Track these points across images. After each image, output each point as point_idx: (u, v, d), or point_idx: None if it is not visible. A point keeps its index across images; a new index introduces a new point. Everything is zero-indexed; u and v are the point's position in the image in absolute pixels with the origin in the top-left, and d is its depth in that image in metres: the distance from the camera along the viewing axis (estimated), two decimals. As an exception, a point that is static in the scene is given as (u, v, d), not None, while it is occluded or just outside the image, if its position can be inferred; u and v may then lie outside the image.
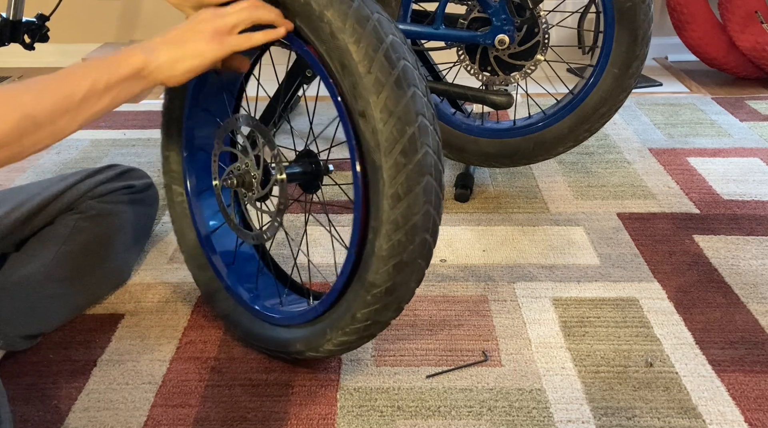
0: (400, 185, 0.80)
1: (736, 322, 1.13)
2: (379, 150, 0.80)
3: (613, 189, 1.58)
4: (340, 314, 0.92)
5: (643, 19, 1.39)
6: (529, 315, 1.15)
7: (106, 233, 1.21)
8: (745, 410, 0.96)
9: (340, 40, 0.80)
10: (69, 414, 0.97)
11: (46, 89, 0.76)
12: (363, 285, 0.87)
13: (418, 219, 0.82)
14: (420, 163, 0.81)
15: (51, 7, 1.59)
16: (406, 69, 0.81)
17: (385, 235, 0.82)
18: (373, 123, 0.80)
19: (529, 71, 1.45)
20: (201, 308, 1.19)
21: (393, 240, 0.82)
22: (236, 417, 0.96)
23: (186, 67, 0.85)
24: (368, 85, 0.79)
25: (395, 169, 0.80)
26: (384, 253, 0.83)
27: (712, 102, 2.12)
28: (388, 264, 0.84)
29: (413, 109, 0.80)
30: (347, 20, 0.80)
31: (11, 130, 0.72)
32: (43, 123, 0.74)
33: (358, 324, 0.90)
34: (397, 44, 0.82)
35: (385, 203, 0.81)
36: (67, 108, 0.76)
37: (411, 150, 0.80)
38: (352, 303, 0.89)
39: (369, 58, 0.79)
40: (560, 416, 0.95)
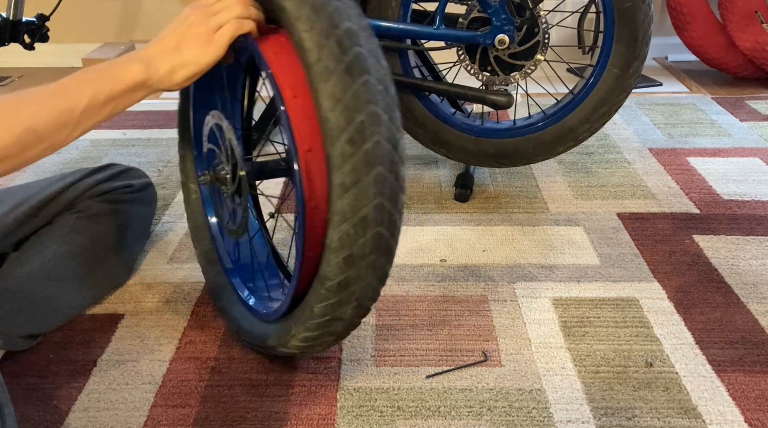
0: (346, 175, 0.78)
1: (736, 322, 1.13)
2: (327, 138, 0.78)
3: (613, 189, 1.58)
4: (302, 309, 0.91)
5: (643, 19, 1.39)
6: (529, 315, 1.15)
7: (105, 232, 1.21)
8: (745, 410, 0.96)
9: (296, 28, 0.79)
10: (69, 414, 0.97)
11: (47, 102, 0.76)
12: (319, 278, 0.86)
13: (368, 212, 0.79)
14: (368, 152, 0.77)
15: (51, 7, 1.59)
16: (359, 56, 0.78)
17: (334, 226, 0.80)
18: (321, 112, 0.78)
19: (529, 71, 1.45)
20: (201, 308, 1.19)
21: (341, 232, 0.80)
22: (236, 417, 0.96)
23: (185, 75, 0.86)
24: (317, 73, 0.77)
25: (341, 158, 0.77)
26: (334, 245, 0.81)
27: (712, 102, 2.12)
28: (338, 257, 0.81)
29: (363, 97, 0.77)
30: (303, 8, 0.80)
31: (14, 144, 0.73)
32: (44, 136, 0.75)
33: (318, 320, 0.88)
34: (353, 31, 0.79)
35: (333, 193, 0.79)
36: (68, 121, 0.77)
37: (358, 139, 0.77)
38: (311, 298, 0.88)
39: (319, 45, 0.78)
40: (560, 416, 0.95)
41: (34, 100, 0.76)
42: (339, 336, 0.93)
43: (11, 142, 0.73)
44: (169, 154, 1.81)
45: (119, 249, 1.24)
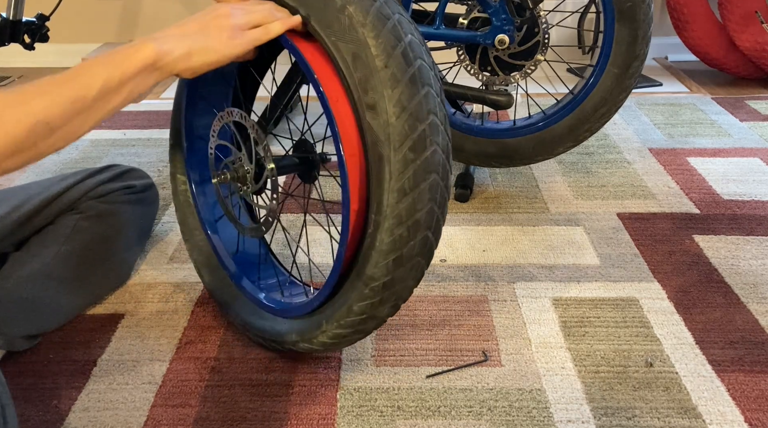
0: (407, 180, 0.81)
1: (736, 322, 1.13)
2: (389, 143, 0.81)
3: (613, 189, 1.58)
4: (337, 306, 0.92)
5: (643, 18, 1.39)
6: (529, 315, 1.16)
7: (107, 233, 1.21)
8: (745, 410, 0.96)
9: (359, 33, 0.81)
10: (69, 414, 0.97)
11: (58, 92, 0.73)
12: (361, 278, 0.87)
13: (422, 216, 0.83)
14: (428, 160, 0.81)
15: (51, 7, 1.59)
16: (422, 68, 0.82)
17: (388, 229, 0.83)
18: (385, 116, 0.80)
19: (529, 71, 1.45)
20: (201, 308, 1.19)
21: (395, 235, 0.83)
22: (236, 417, 0.96)
23: (203, 61, 0.83)
24: (384, 79, 0.80)
25: (403, 163, 0.81)
26: (385, 247, 0.84)
27: (712, 102, 2.12)
28: (387, 259, 0.84)
29: (425, 107, 0.81)
30: (368, 16, 0.81)
31: (26, 137, 0.70)
32: (57, 127, 0.72)
33: (355, 317, 0.90)
34: (415, 44, 0.83)
35: (390, 197, 0.82)
36: (80, 109, 0.74)
37: (420, 146, 0.81)
38: (350, 296, 0.89)
39: (387, 53, 0.80)
40: (560, 416, 0.95)
41: (44, 91, 0.73)
42: (366, 334, 0.95)
43: (23, 136, 0.69)
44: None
45: (120, 250, 1.24)
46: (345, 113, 0.84)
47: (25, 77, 2.48)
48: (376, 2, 0.83)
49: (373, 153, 0.82)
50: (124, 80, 0.77)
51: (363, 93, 0.81)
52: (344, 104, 0.84)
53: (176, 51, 0.80)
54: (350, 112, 0.84)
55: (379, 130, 0.81)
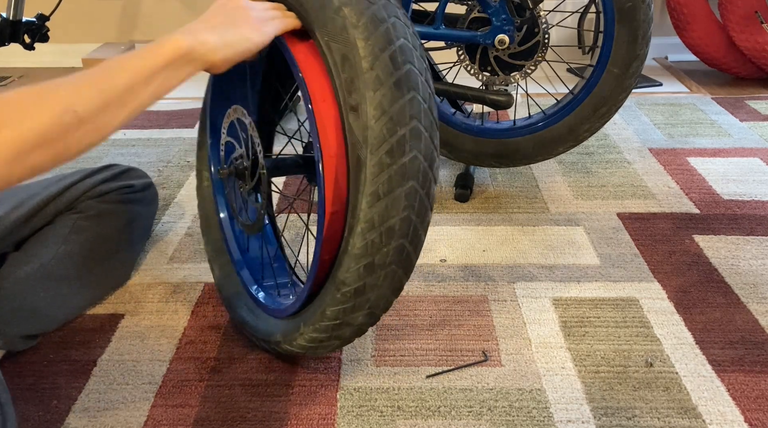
0: (381, 184, 0.79)
1: (736, 322, 1.13)
2: (366, 146, 0.79)
3: (613, 189, 1.58)
4: (313, 310, 0.92)
5: (643, 19, 1.39)
6: (529, 315, 1.16)
7: (106, 233, 1.21)
8: (745, 410, 0.96)
9: (350, 35, 0.80)
10: (69, 414, 0.97)
11: (86, 82, 0.71)
12: (334, 282, 0.86)
13: (396, 223, 0.81)
14: (405, 166, 0.79)
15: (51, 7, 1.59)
16: (409, 73, 0.81)
17: (360, 234, 0.81)
18: (364, 119, 0.79)
19: (529, 71, 1.45)
20: (201, 308, 1.19)
21: (367, 240, 0.81)
22: (236, 417, 0.96)
23: (231, 53, 0.81)
24: (368, 81, 0.79)
25: (378, 167, 0.79)
26: (356, 252, 0.82)
27: (712, 102, 2.12)
28: (359, 264, 0.82)
29: (408, 112, 0.80)
30: (362, 18, 0.81)
31: (53, 124, 0.66)
32: (86, 118, 0.68)
33: (328, 322, 0.89)
34: (407, 48, 0.82)
35: (364, 201, 0.80)
36: (109, 100, 0.71)
37: (398, 151, 0.79)
38: (325, 300, 0.89)
39: (374, 55, 0.79)
40: (560, 416, 0.95)
41: (72, 81, 0.70)
42: (345, 341, 0.93)
43: (49, 124, 0.66)
44: (169, 154, 1.81)
45: (120, 250, 1.24)
46: (330, 114, 0.83)
47: (25, 77, 2.48)
48: (373, 5, 0.82)
49: (353, 155, 0.81)
50: (155, 71, 0.74)
51: (347, 94, 0.81)
52: (330, 105, 0.83)
53: (211, 41, 0.79)
54: (335, 113, 0.83)
55: (359, 132, 0.80)
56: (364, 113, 0.79)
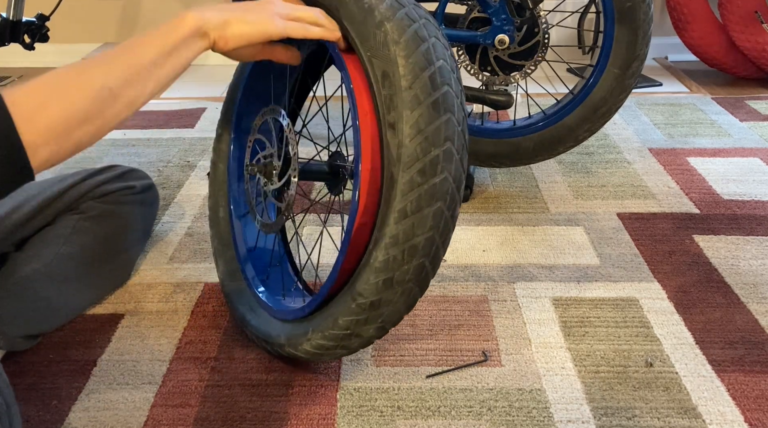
0: (410, 202, 0.80)
1: (736, 322, 1.14)
2: (399, 164, 0.80)
3: (613, 189, 1.58)
4: (324, 317, 0.92)
5: (643, 18, 1.39)
6: (529, 315, 1.16)
7: (107, 234, 1.21)
8: (745, 410, 0.96)
9: (391, 51, 0.82)
10: (69, 414, 0.97)
11: (115, 60, 0.75)
12: (351, 293, 0.87)
13: (420, 241, 0.82)
14: (436, 186, 0.81)
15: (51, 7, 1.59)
16: (447, 95, 0.82)
17: (383, 248, 0.82)
18: (400, 137, 0.80)
19: (529, 71, 1.45)
20: (201, 308, 1.19)
21: (389, 255, 0.82)
22: (236, 417, 0.96)
23: (241, 30, 0.84)
24: (406, 100, 0.80)
25: (410, 185, 0.80)
26: (378, 265, 0.83)
27: (712, 102, 2.12)
28: (378, 278, 0.83)
29: (443, 133, 0.80)
30: (404, 35, 0.82)
31: (93, 102, 0.71)
32: (119, 93, 0.73)
33: (338, 331, 0.89)
34: (446, 70, 0.83)
35: (392, 217, 0.81)
36: (138, 74, 0.76)
37: (430, 171, 0.80)
38: (338, 309, 0.89)
39: (414, 74, 0.80)
40: (560, 416, 0.95)
41: (101, 61, 0.75)
42: (350, 352, 0.94)
43: (89, 102, 0.71)
44: (169, 154, 1.81)
45: (121, 251, 1.24)
46: (369, 128, 0.84)
47: (25, 77, 2.48)
48: (415, 23, 0.83)
49: (387, 171, 0.82)
50: (176, 45, 0.79)
51: (387, 111, 0.82)
52: (371, 119, 0.84)
53: (214, 19, 0.83)
54: (375, 128, 0.84)
55: (394, 149, 0.81)
56: (401, 131, 0.80)
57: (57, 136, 0.68)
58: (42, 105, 0.67)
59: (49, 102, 0.68)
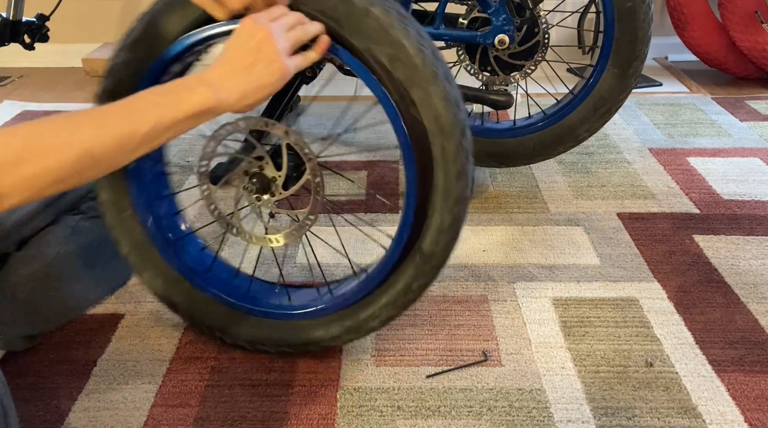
0: (461, 164, 0.89)
1: (736, 322, 1.14)
2: (443, 133, 0.87)
3: (613, 189, 1.58)
4: (393, 287, 0.97)
5: (643, 18, 1.39)
6: (529, 315, 1.16)
7: (107, 234, 1.21)
8: (745, 410, 0.96)
9: (391, 35, 0.85)
10: (69, 414, 0.97)
11: (109, 124, 0.71)
12: (423, 255, 0.94)
13: (467, 193, 0.91)
14: (469, 143, 0.90)
15: (51, 7, 1.59)
16: (445, 64, 0.88)
17: (449, 208, 0.91)
18: (434, 110, 0.86)
19: (529, 71, 1.45)
20: (201, 308, 1.19)
21: (455, 213, 0.91)
22: (236, 417, 0.96)
23: (256, 99, 0.81)
24: (427, 77, 0.86)
25: (457, 149, 0.88)
26: (446, 225, 0.92)
27: (712, 102, 2.12)
28: (447, 235, 0.93)
29: (459, 98, 0.89)
30: (391, 17, 0.85)
31: (71, 166, 0.68)
32: (101, 159, 0.70)
33: (412, 295, 0.96)
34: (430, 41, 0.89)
35: (450, 181, 0.89)
36: (127, 145, 0.72)
37: (465, 133, 0.89)
38: (406, 273, 0.95)
39: (420, 52, 0.85)
40: (560, 416, 0.95)
41: (95, 121, 0.71)
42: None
43: (68, 166, 0.68)
44: (169, 154, 1.81)
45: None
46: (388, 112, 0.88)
47: (25, 77, 2.48)
48: (388, 3, 0.86)
49: (429, 143, 0.88)
50: (176, 122, 0.75)
51: (406, 91, 0.86)
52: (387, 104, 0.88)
53: (232, 96, 0.79)
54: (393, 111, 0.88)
55: (431, 122, 0.87)
56: (433, 106, 0.86)
57: (27, 191, 0.66)
58: (18, 160, 0.65)
59: (25, 158, 0.65)
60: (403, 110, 0.87)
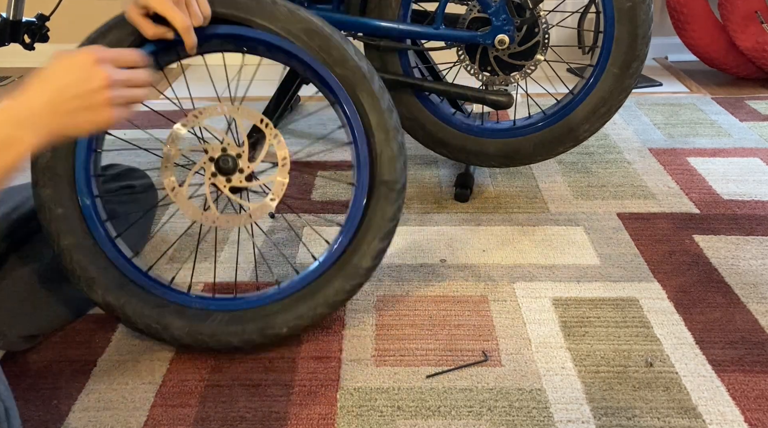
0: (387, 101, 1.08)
1: (736, 322, 1.13)
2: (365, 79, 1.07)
3: (613, 189, 1.58)
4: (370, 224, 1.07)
5: (643, 18, 1.39)
6: (529, 315, 1.16)
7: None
8: (745, 410, 0.96)
9: (300, 14, 1.05)
10: (69, 414, 0.97)
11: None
12: (385, 184, 1.07)
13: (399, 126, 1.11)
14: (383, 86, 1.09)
15: (51, 7, 1.59)
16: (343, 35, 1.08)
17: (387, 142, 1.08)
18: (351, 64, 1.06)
19: (529, 71, 1.45)
20: (201, 308, 1.19)
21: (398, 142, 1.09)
22: (236, 417, 0.96)
23: (54, 140, 0.77)
24: (339, 39, 1.06)
25: (380, 89, 1.08)
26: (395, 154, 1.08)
27: (712, 102, 2.12)
28: (399, 164, 1.08)
29: (362, 53, 1.09)
30: (291, 4, 1.05)
31: None
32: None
33: (390, 225, 1.08)
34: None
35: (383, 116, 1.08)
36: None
37: (377, 78, 1.08)
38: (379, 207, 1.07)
39: (323, 23, 1.06)
40: (560, 416, 0.95)
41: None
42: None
43: None
44: (169, 154, 1.81)
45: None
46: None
47: (25, 77, 2.48)
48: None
49: (353, 93, 1.06)
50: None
51: (327, 54, 1.05)
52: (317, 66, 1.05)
53: (39, 139, 0.74)
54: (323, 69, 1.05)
55: (354, 77, 1.05)
56: (347, 61, 1.05)
57: None
58: None
59: None
60: (330, 69, 1.04)
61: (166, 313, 1.04)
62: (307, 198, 1.56)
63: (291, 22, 1.04)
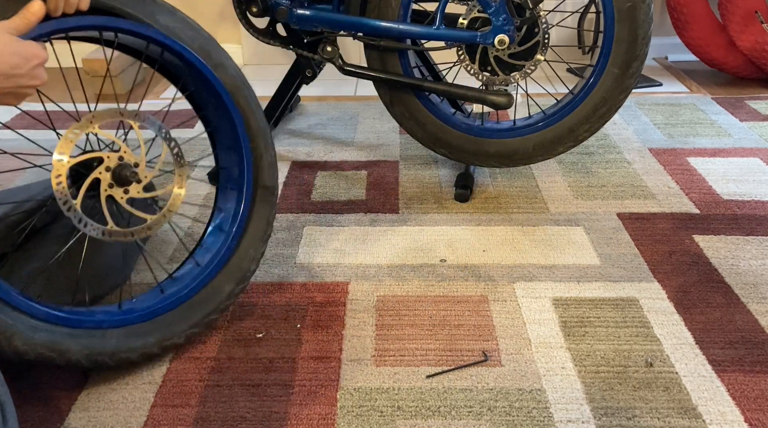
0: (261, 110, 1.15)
1: (736, 322, 1.14)
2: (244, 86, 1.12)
3: (613, 189, 1.58)
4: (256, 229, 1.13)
5: (643, 18, 1.39)
6: (529, 315, 1.16)
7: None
8: (745, 410, 0.96)
9: (176, 12, 1.08)
10: (69, 414, 0.97)
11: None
12: (266, 190, 1.13)
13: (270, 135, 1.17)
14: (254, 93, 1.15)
15: (51, 7, 1.58)
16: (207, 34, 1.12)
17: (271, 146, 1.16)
18: (232, 71, 1.11)
19: (529, 71, 1.45)
20: (201, 308, 1.19)
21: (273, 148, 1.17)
22: (236, 417, 0.96)
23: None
24: (217, 45, 1.11)
25: (256, 98, 1.14)
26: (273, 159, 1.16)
27: (712, 102, 2.12)
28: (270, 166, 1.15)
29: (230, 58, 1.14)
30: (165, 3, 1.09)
31: None
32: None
33: (269, 229, 1.14)
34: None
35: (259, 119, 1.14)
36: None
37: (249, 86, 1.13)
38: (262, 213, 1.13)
39: (195, 24, 1.10)
40: (560, 416, 0.95)
41: None
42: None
43: None
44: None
45: (120, 250, 1.24)
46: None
47: (25, 77, 2.48)
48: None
49: (237, 95, 1.10)
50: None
51: (207, 57, 1.08)
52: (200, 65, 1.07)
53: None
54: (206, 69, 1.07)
55: (233, 83, 1.10)
56: (231, 67, 1.11)
57: None
58: None
59: None
60: (213, 71, 1.08)
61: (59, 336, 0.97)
62: (308, 198, 1.56)
63: (157, 11, 1.05)
